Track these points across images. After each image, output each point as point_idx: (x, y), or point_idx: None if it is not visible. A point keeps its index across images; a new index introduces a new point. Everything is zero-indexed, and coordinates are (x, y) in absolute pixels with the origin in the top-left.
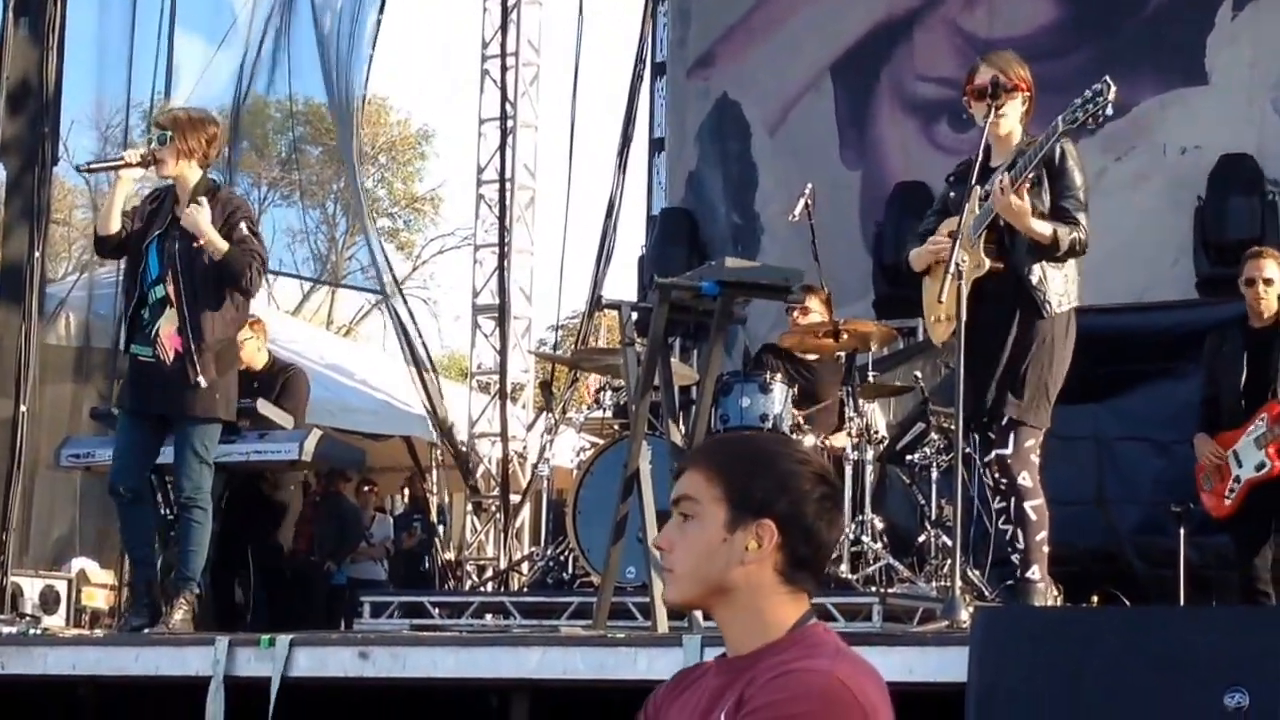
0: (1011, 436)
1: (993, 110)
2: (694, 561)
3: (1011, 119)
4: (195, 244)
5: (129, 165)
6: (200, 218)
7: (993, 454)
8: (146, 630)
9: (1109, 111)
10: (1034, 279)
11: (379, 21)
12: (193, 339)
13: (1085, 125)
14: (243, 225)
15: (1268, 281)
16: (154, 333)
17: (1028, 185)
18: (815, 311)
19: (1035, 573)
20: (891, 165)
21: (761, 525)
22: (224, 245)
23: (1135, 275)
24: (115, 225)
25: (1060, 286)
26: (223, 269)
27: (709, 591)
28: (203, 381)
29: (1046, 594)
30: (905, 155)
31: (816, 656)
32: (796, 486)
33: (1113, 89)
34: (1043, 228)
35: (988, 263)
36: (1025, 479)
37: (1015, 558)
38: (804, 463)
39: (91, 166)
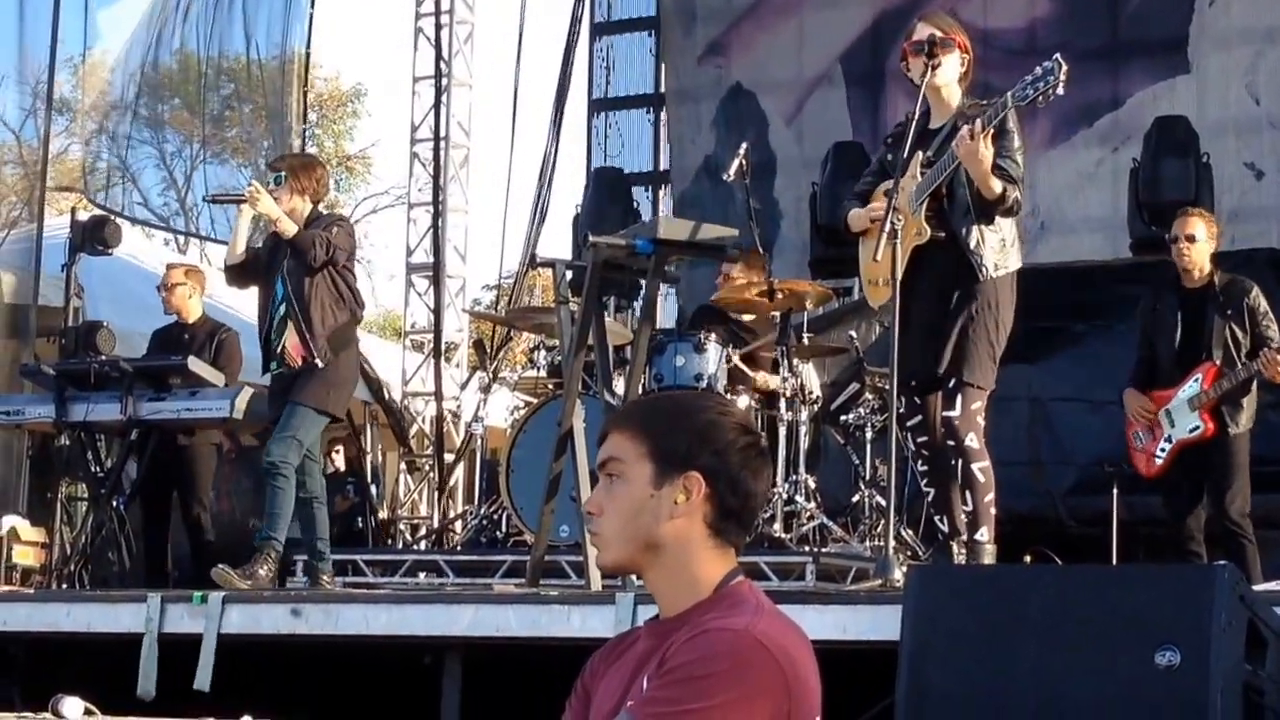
0: (959, 398)
1: (929, 68)
2: (621, 521)
3: (948, 75)
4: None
5: (247, 200)
6: (265, 203)
7: (940, 416)
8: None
9: (1059, 91)
10: (971, 243)
11: None
12: (307, 330)
13: (1035, 103)
14: (334, 227)
15: (1190, 239)
16: (281, 348)
17: (990, 137)
18: (739, 275)
19: (984, 534)
20: None
21: (688, 477)
22: (292, 228)
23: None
24: (240, 254)
25: (997, 249)
26: (293, 246)
27: (639, 550)
28: (319, 362)
29: (995, 555)
30: None
31: (736, 614)
32: (720, 437)
33: (1064, 68)
34: (994, 183)
35: (929, 231)
36: (972, 440)
37: (961, 518)
38: (725, 414)
39: (217, 199)
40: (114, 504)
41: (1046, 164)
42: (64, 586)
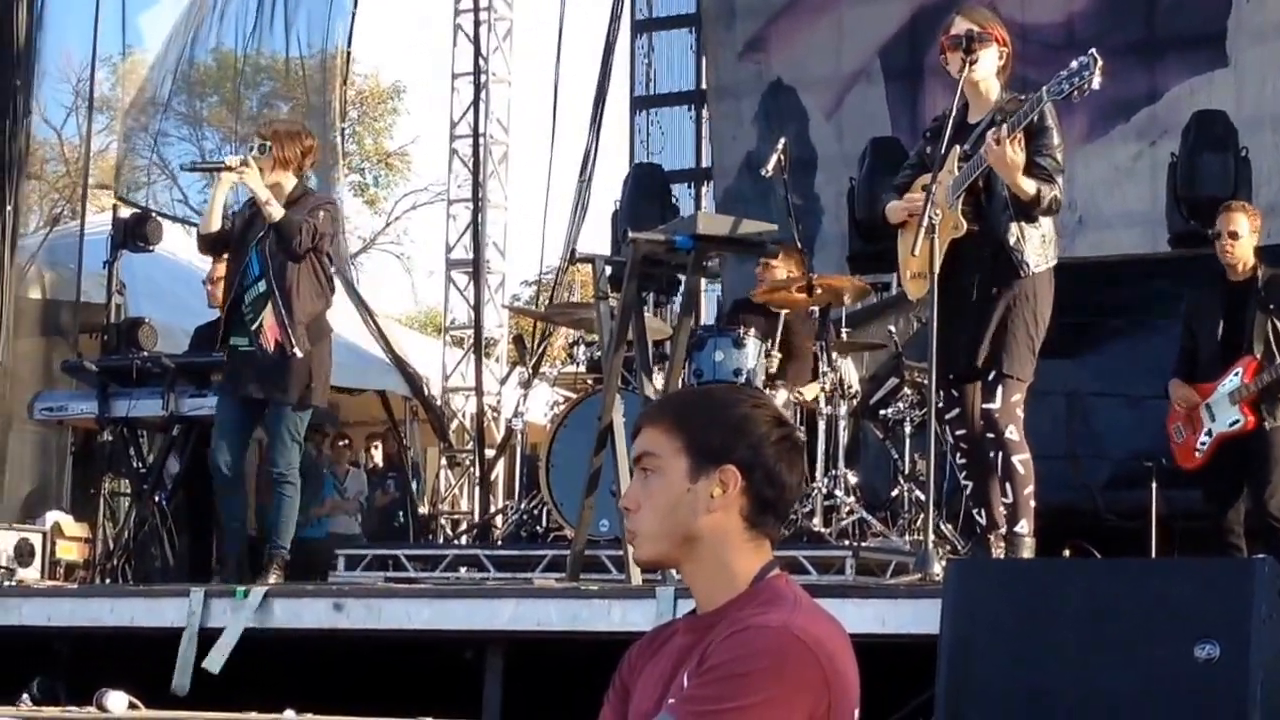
0: (998, 390)
1: (967, 63)
2: (658, 516)
3: (986, 70)
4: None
5: (228, 169)
6: (252, 179)
7: (979, 408)
8: None
9: (1095, 85)
10: (1011, 239)
11: None
12: (286, 316)
13: (1070, 98)
14: (320, 212)
15: (1233, 235)
16: (257, 326)
17: (1019, 140)
18: (779, 269)
19: (1023, 527)
20: None
21: (724, 471)
22: (279, 212)
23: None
24: (216, 225)
25: (1038, 246)
26: (279, 231)
27: (675, 545)
28: (298, 352)
29: (1034, 548)
30: None
31: (773, 610)
32: (754, 430)
33: (1099, 62)
34: (1028, 184)
35: (965, 225)
36: (1012, 433)
37: (1000, 511)
38: (759, 407)
39: (195, 167)
40: (156, 499)
41: (1083, 159)
42: (107, 582)
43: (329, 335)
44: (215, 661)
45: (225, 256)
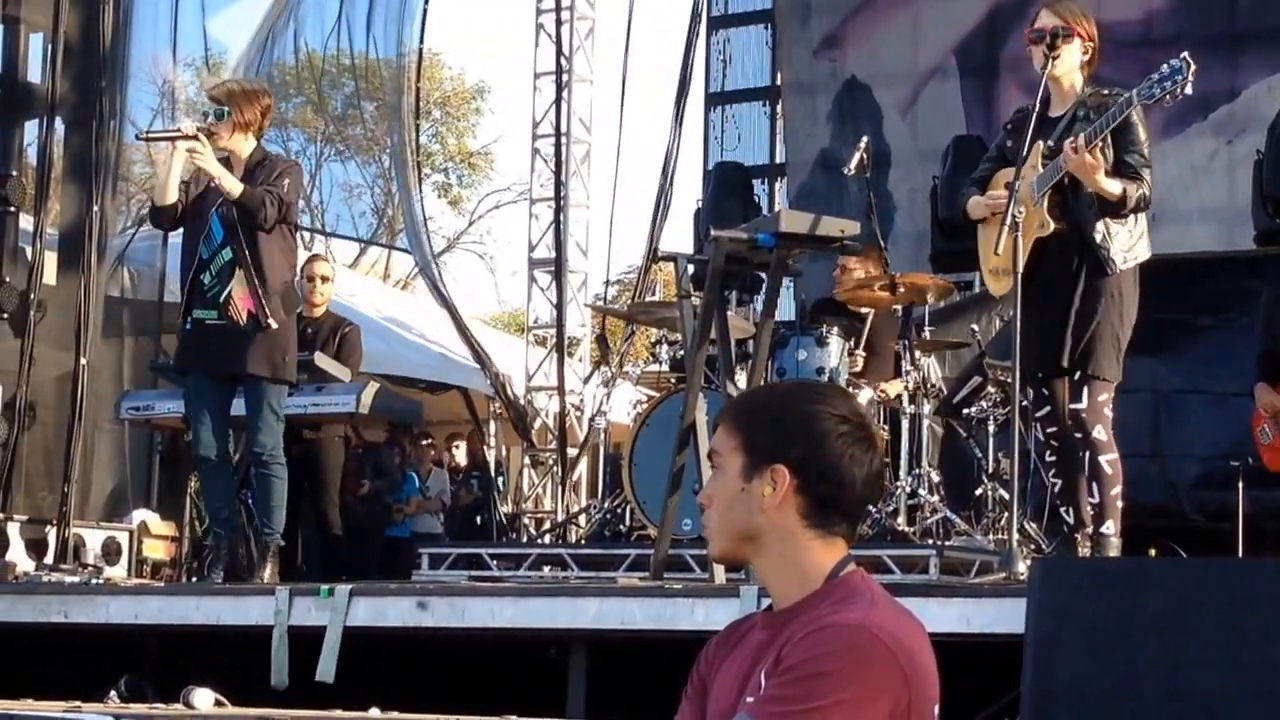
0: (1085, 390)
1: (1049, 58)
2: (718, 513)
3: (1068, 64)
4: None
5: (185, 137)
6: (207, 161)
7: (1067, 408)
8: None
9: (1188, 90)
10: (1098, 237)
11: None
12: (259, 286)
13: (1162, 102)
14: (284, 180)
15: None
16: (224, 296)
17: (1100, 144)
18: (858, 270)
19: (1109, 527)
20: None
21: (775, 470)
22: (236, 188)
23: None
24: (173, 197)
25: (1125, 243)
26: (239, 209)
27: (738, 542)
28: (274, 324)
29: (1120, 548)
30: None
31: (850, 607)
32: (814, 429)
33: (1192, 67)
34: (1112, 186)
35: (1052, 224)
36: (1100, 433)
37: (1087, 511)
38: (824, 404)
39: (149, 136)
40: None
41: (1159, 156)
42: (194, 580)
43: (296, 306)
44: (327, 672)
45: (325, 260)
